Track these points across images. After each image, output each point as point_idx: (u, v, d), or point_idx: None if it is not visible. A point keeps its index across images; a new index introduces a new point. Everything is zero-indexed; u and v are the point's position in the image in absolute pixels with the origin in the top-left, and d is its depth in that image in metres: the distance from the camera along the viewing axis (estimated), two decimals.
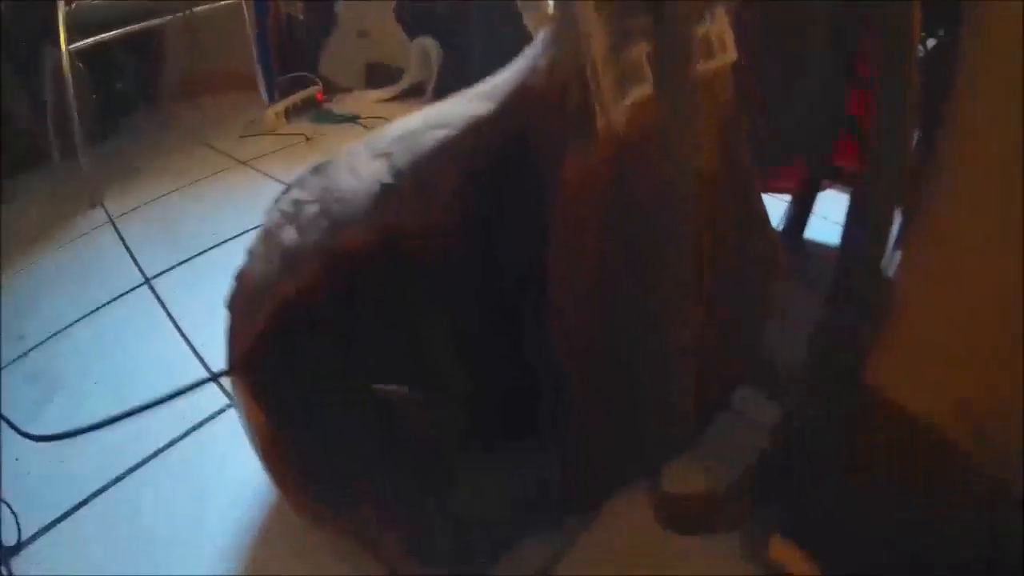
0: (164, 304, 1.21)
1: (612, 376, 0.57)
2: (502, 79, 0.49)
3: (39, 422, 0.95)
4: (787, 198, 1.21)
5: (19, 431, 0.73)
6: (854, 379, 0.65)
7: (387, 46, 2.10)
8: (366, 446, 0.53)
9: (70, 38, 1.46)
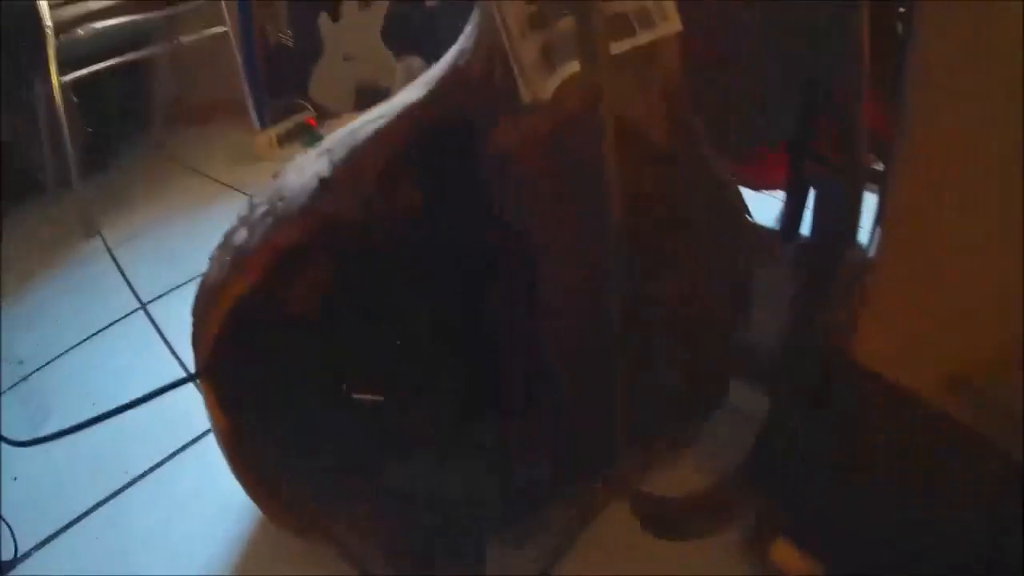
0: (159, 328, 1.23)
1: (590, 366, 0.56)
2: (440, 63, 0.50)
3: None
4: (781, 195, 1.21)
5: (4, 439, 0.75)
6: (842, 357, 0.64)
7: (374, 67, 2.13)
8: (327, 447, 0.53)
9: (61, 70, 1.50)
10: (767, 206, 1.20)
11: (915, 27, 0.55)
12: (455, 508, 0.61)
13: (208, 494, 0.83)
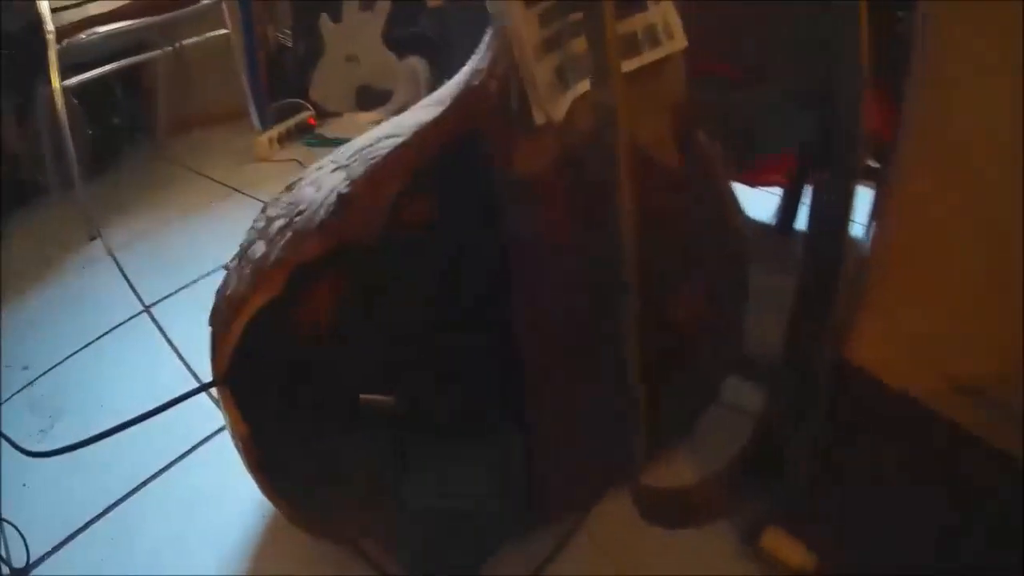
0: (164, 331, 1.24)
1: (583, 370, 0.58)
2: (453, 82, 0.51)
3: (45, 448, 0.97)
4: (777, 191, 1.23)
5: (20, 448, 0.76)
6: (835, 358, 0.65)
7: (375, 69, 2.14)
8: (342, 451, 0.55)
9: (63, 74, 1.49)
10: (763, 200, 1.23)
11: (918, 31, 0.56)
12: (463, 510, 0.63)
13: (217, 495, 0.85)
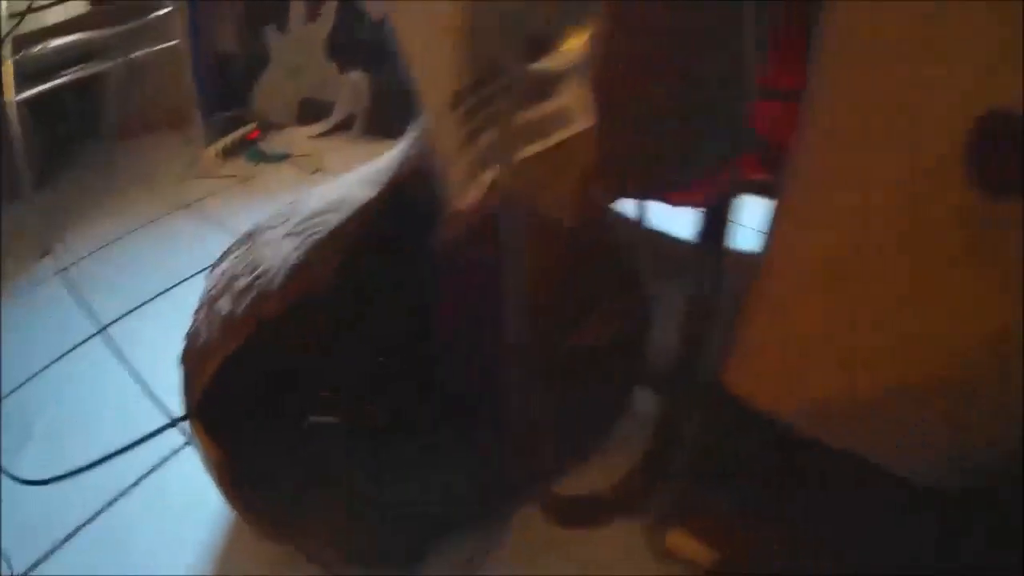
0: (121, 351, 1.30)
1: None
2: (386, 163, 0.61)
3: (16, 469, 1.03)
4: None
5: (13, 477, 0.83)
6: (714, 382, 0.69)
7: (319, 81, 2.17)
8: (301, 469, 0.65)
9: (15, 87, 1.50)
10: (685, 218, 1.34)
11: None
12: (408, 514, 0.74)
13: (183, 506, 0.92)
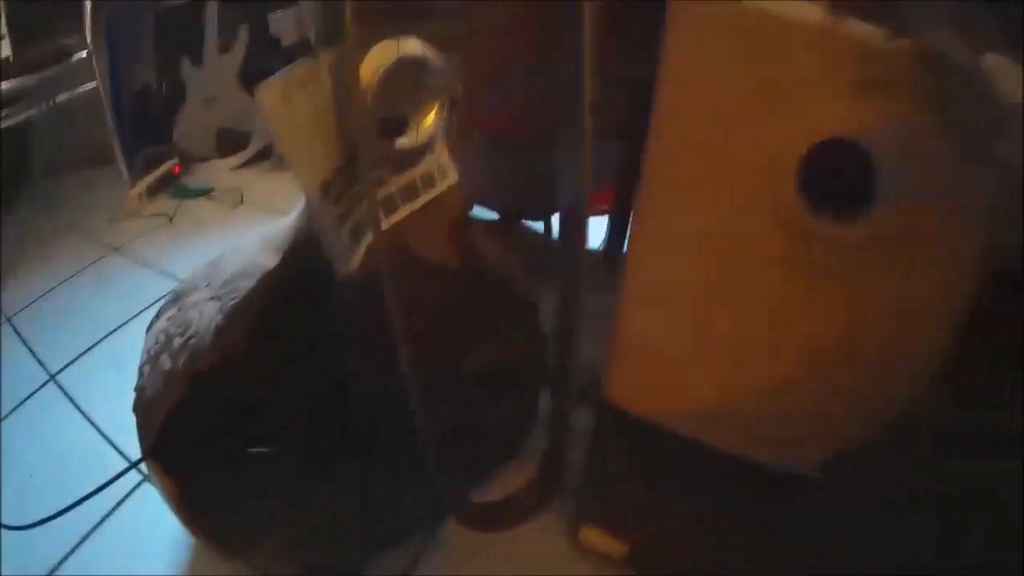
0: (72, 398, 1.37)
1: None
2: (284, 230, 0.74)
3: None
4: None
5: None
6: (594, 394, 0.76)
7: (234, 111, 2.23)
8: (248, 495, 0.79)
9: None
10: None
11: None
12: (345, 530, 0.87)
13: (147, 536, 1.02)
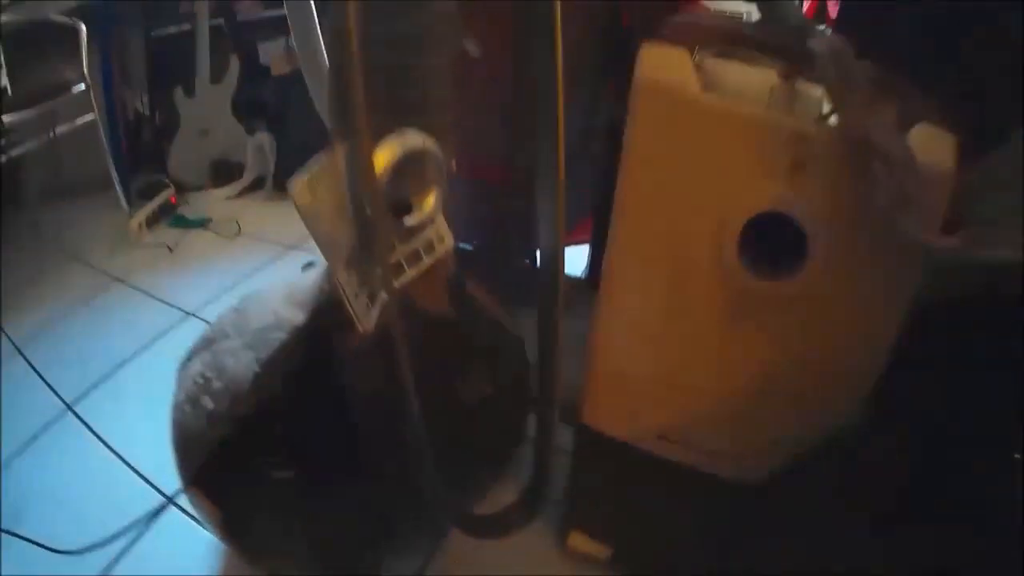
0: (92, 428, 1.43)
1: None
2: (308, 288, 0.86)
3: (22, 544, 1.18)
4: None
5: (50, 548, 1.01)
6: (573, 416, 0.84)
7: (227, 141, 2.30)
8: (278, 513, 0.91)
9: None
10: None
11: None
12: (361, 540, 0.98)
13: (183, 551, 1.12)
